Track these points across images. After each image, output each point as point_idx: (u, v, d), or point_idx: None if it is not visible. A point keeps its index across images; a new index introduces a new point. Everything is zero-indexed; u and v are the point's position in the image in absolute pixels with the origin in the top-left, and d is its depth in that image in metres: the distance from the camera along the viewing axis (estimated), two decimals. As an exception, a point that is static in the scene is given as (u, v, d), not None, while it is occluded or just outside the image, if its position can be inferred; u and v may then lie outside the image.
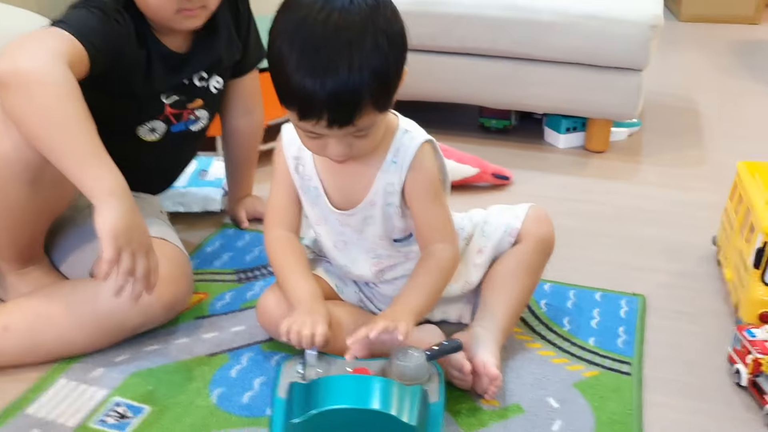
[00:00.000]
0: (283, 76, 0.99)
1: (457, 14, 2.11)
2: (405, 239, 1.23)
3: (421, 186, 1.15)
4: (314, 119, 0.99)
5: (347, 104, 0.98)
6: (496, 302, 1.25)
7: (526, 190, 1.95)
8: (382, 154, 1.14)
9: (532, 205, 1.33)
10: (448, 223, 1.20)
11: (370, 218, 1.18)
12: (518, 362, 1.25)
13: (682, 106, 2.73)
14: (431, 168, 1.15)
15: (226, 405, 1.14)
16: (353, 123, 1.00)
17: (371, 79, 0.98)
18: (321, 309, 1.13)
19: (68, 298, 1.22)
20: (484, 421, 1.11)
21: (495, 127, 2.37)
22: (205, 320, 1.35)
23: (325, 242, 1.25)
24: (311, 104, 0.98)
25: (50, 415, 1.12)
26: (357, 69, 0.96)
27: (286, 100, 1.02)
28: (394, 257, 1.24)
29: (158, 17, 1.28)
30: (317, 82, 0.96)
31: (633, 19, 2.00)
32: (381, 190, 1.15)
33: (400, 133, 1.15)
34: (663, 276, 1.54)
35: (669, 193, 1.96)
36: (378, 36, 0.98)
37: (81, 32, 1.15)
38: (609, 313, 1.39)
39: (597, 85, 2.10)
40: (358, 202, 1.17)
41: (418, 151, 1.14)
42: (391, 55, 1.00)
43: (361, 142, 1.06)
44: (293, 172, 1.21)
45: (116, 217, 1.05)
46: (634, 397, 1.17)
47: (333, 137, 1.03)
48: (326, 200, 1.19)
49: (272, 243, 1.24)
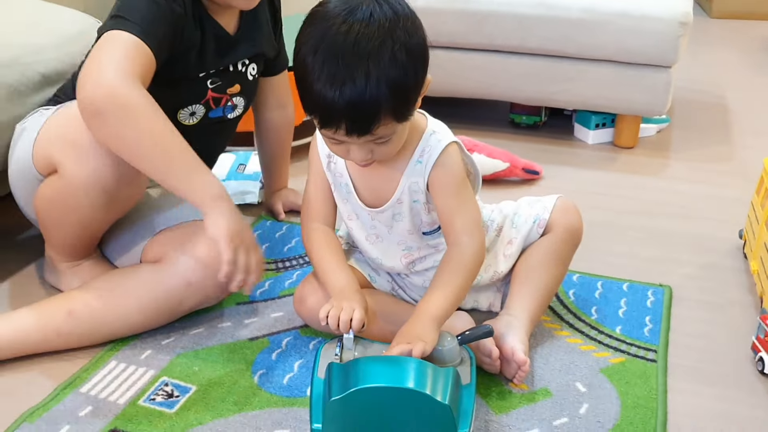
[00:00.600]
0: (305, 85, 1.05)
1: (487, 12, 2.15)
2: (434, 232, 1.27)
3: (444, 183, 1.18)
4: (333, 128, 1.04)
5: (365, 114, 1.02)
6: (525, 291, 1.30)
7: (556, 184, 1.99)
8: (409, 155, 1.18)
9: (560, 196, 1.37)
10: (473, 218, 1.21)
11: (399, 215, 1.23)
12: (547, 349, 1.29)
13: (711, 102, 2.74)
14: (455, 165, 1.19)
15: (268, 386, 1.20)
16: (371, 132, 1.05)
17: (388, 91, 1.01)
18: (357, 296, 1.18)
19: (130, 283, 1.29)
20: (513, 403, 1.16)
21: (525, 123, 2.41)
22: (247, 306, 1.41)
23: (357, 236, 1.30)
24: (330, 113, 1.03)
25: (102, 393, 1.18)
26: (374, 81, 1.00)
27: (308, 108, 1.07)
28: (424, 249, 1.29)
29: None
30: (336, 92, 1.01)
31: (662, 16, 2.03)
32: (407, 189, 1.20)
33: (428, 134, 1.19)
34: (690, 268, 1.57)
35: (697, 188, 1.98)
36: (396, 48, 1.02)
37: (145, 31, 1.19)
38: (636, 303, 1.43)
39: (626, 81, 2.13)
40: (386, 200, 1.22)
41: (443, 151, 1.17)
42: (409, 67, 1.03)
43: (383, 148, 1.10)
44: (326, 169, 1.26)
45: (228, 220, 1.15)
46: (659, 382, 1.21)
47: (354, 144, 1.08)
48: (356, 197, 1.24)
49: (309, 236, 1.29)
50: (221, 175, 1.84)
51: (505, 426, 1.11)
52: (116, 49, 1.17)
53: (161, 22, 1.22)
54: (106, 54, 1.16)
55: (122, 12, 1.21)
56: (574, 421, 1.12)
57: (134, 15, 1.20)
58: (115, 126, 1.14)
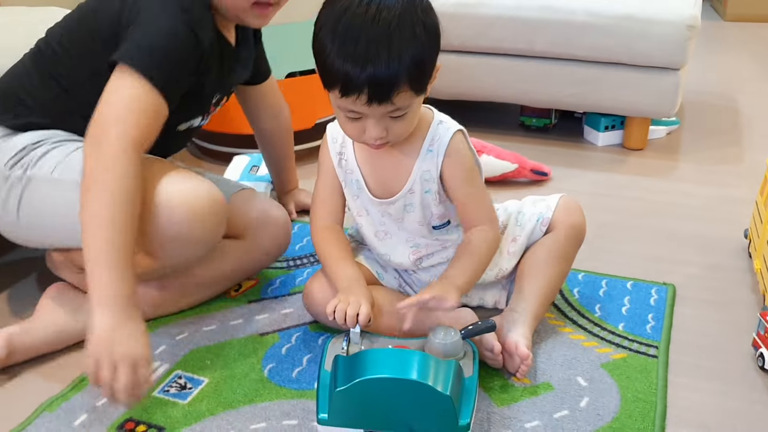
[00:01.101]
0: (326, 56, 1.09)
1: (494, 16, 2.19)
2: (443, 226, 1.31)
3: (458, 170, 1.24)
4: (355, 94, 1.08)
5: (386, 80, 1.07)
6: (529, 288, 1.33)
7: (565, 186, 2.02)
8: (419, 144, 1.23)
9: (563, 195, 1.40)
10: (488, 205, 1.29)
11: (410, 205, 1.27)
12: (550, 344, 1.32)
13: (722, 105, 2.76)
14: (465, 153, 1.25)
15: (277, 379, 1.24)
16: (391, 100, 1.09)
17: (409, 59, 1.07)
18: (364, 291, 1.22)
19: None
20: (515, 396, 1.19)
21: (535, 126, 2.44)
22: (258, 303, 1.45)
23: (366, 232, 1.34)
24: (352, 79, 1.07)
25: (119, 385, 1.23)
26: (396, 48, 1.06)
27: (329, 80, 1.11)
28: (431, 246, 1.32)
29: (233, 9, 1.29)
30: (358, 58, 1.06)
31: (670, 19, 2.05)
32: (419, 178, 1.24)
33: (435, 123, 1.24)
34: (694, 268, 1.60)
35: (705, 189, 2.00)
36: (416, 25, 1.08)
37: (162, 76, 1.18)
38: (639, 301, 1.45)
39: (635, 84, 2.15)
40: (397, 190, 1.26)
41: (452, 138, 1.23)
42: (426, 42, 1.10)
43: (398, 125, 1.14)
44: (337, 167, 1.30)
45: (99, 328, 1.07)
46: (660, 377, 1.23)
47: (371, 117, 1.12)
48: (367, 192, 1.28)
49: (318, 233, 1.33)
50: (235, 176, 1.89)
51: (506, 418, 1.14)
52: (124, 103, 1.16)
53: (182, 63, 1.22)
54: (114, 109, 1.16)
55: (143, 43, 1.19)
56: (574, 414, 1.15)
57: (156, 54, 1.19)
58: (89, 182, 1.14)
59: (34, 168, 1.28)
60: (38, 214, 1.30)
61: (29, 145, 1.30)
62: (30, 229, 1.33)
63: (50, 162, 1.28)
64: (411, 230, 1.30)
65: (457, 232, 1.34)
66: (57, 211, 1.27)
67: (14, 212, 1.30)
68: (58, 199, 1.26)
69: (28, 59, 1.35)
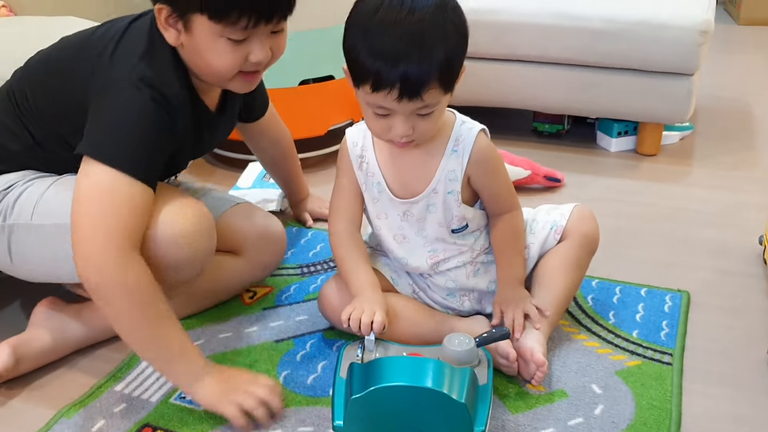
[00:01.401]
0: (359, 55, 1.10)
1: (508, 23, 2.19)
2: (462, 229, 1.32)
3: (486, 167, 1.28)
4: (386, 90, 1.09)
5: (418, 76, 1.09)
6: (543, 296, 1.33)
7: (577, 192, 2.02)
8: (443, 144, 1.26)
9: (577, 204, 1.41)
10: (513, 192, 1.33)
11: (432, 206, 1.28)
12: (564, 352, 1.32)
13: (736, 109, 2.74)
14: (491, 150, 1.29)
15: (292, 385, 1.25)
16: (421, 96, 1.10)
17: (442, 55, 1.09)
18: (379, 298, 1.23)
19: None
20: (530, 404, 1.19)
21: (548, 132, 2.44)
22: (272, 311, 1.46)
23: (384, 236, 1.35)
24: (385, 74, 1.08)
25: (135, 391, 1.24)
26: (429, 44, 1.08)
27: (360, 75, 1.12)
28: (449, 250, 1.33)
29: (215, 79, 1.22)
30: (392, 52, 1.08)
31: (683, 24, 2.04)
32: (443, 177, 1.26)
33: (458, 124, 1.27)
34: (709, 274, 1.59)
35: (719, 195, 1.99)
36: (447, 23, 1.11)
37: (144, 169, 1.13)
38: (653, 307, 1.45)
39: (648, 89, 2.15)
40: (420, 191, 1.28)
41: (476, 138, 1.26)
42: (457, 41, 1.13)
43: (424, 123, 1.16)
44: (357, 170, 1.31)
45: (210, 394, 1.15)
46: (674, 384, 1.23)
47: (399, 114, 1.14)
48: (389, 193, 1.29)
49: (336, 236, 1.33)
50: (247, 183, 1.90)
51: (521, 425, 1.15)
52: (105, 207, 1.11)
53: (159, 145, 1.17)
54: (93, 217, 1.11)
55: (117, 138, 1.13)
56: (589, 422, 1.15)
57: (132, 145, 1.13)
58: (104, 308, 1.13)
59: (12, 216, 1.26)
60: (30, 260, 1.28)
61: (0, 191, 1.27)
62: (29, 271, 1.31)
63: (26, 206, 1.25)
64: (430, 233, 1.31)
65: (473, 237, 1.35)
66: (46, 255, 1.25)
67: (7, 259, 1.29)
68: (43, 246, 1.25)
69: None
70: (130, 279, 1.09)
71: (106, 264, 1.09)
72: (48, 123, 1.25)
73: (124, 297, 1.10)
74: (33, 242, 1.25)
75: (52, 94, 1.24)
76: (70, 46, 1.27)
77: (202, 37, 1.14)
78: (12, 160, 1.29)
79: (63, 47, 1.29)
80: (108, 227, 1.10)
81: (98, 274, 1.10)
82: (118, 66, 1.16)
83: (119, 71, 1.15)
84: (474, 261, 1.35)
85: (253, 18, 1.12)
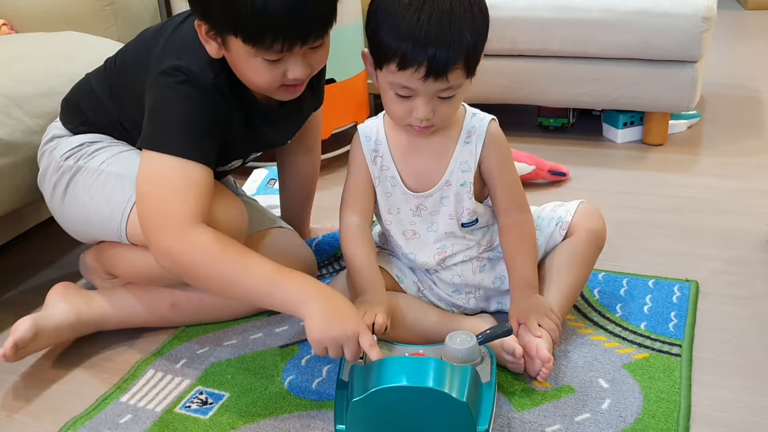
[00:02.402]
0: (386, 34, 1.11)
1: (508, 18, 2.18)
2: (471, 224, 1.31)
3: (499, 155, 1.28)
4: (414, 67, 1.10)
5: (446, 55, 1.09)
6: (549, 292, 1.31)
7: (584, 185, 2.00)
8: (455, 136, 1.27)
9: (582, 201, 1.40)
10: (522, 188, 1.33)
11: (446, 198, 1.29)
12: (570, 347, 1.30)
13: (744, 96, 2.71)
14: (503, 139, 1.30)
15: (297, 390, 1.24)
16: (446, 76, 1.11)
17: (468, 40, 1.11)
18: (381, 299, 1.22)
19: None
20: (536, 400, 1.18)
21: (554, 126, 2.42)
22: (277, 316, 1.46)
23: (394, 231, 1.34)
24: (414, 51, 1.09)
25: (141, 402, 1.24)
26: (457, 28, 1.10)
27: (386, 56, 1.12)
28: (457, 246, 1.32)
29: (257, 90, 1.26)
30: (422, 29, 1.09)
31: (685, 12, 2.02)
32: (456, 169, 1.27)
33: (469, 116, 1.29)
34: (717, 263, 1.57)
35: (727, 183, 1.97)
36: (474, 6, 1.13)
37: (194, 149, 1.19)
38: (661, 299, 1.43)
39: (651, 78, 2.13)
40: (433, 184, 1.28)
41: (488, 127, 1.27)
42: (481, 26, 1.14)
43: (444, 106, 1.17)
44: (371, 164, 1.31)
45: (314, 323, 1.12)
46: (683, 376, 1.21)
47: (422, 96, 1.14)
48: (403, 186, 1.29)
49: (347, 229, 1.33)
50: (252, 189, 1.90)
51: (527, 422, 1.13)
52: (173, 192, 1.18)
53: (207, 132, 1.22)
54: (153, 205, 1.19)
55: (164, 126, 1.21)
56: (596, 416, 1.14)
57: (182, 133, 1.20)
58: (188, 278, 1.21)
59: (87, 159, 1.36)
60: (78, 200, 1.36)
61: (87, 143, 1.39)
62: (70, 218, 1.41)
63: (102, 156, 1.36)
64: (441, 227, 1.31)
65: (481, 233, 1.34)
66: (93, 198, 1.33)
67: (60, 199, 1.39)
68: (95, 189, 1.33)
69: (93, 78, 1.42)
70: (197, 247, 1.16)
71: (174, 249, 1.16)
72: (126, 109, 1.35)
73: (199, 264, 1.16)
74: (89, 184, 1.34)
75: (127, 83, 1.34)
76: (143, 39, 1.37)
77: (239, 55, 1.17)
78: (98, 124, 1.40)
79: (138, 39, 1.38)
80: (167, 211, 1.17)
81: (171, 259, 1.18)
82: (160, 63, 1.22)
83: (161, 67, 1.22)
84: (480, 256, 1.35)
85: (287, 42, 1.13)
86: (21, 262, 1.75)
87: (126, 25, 2.01)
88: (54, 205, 1.43)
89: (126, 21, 2.01)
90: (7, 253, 1.77)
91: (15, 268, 1.72)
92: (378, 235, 1.43)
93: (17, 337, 1.26)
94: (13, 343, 1.25)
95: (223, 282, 1.17)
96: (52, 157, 1.41)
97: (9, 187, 1.47)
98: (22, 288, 1.65)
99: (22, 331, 1.27)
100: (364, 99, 2.28)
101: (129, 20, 2.02)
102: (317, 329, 1.11)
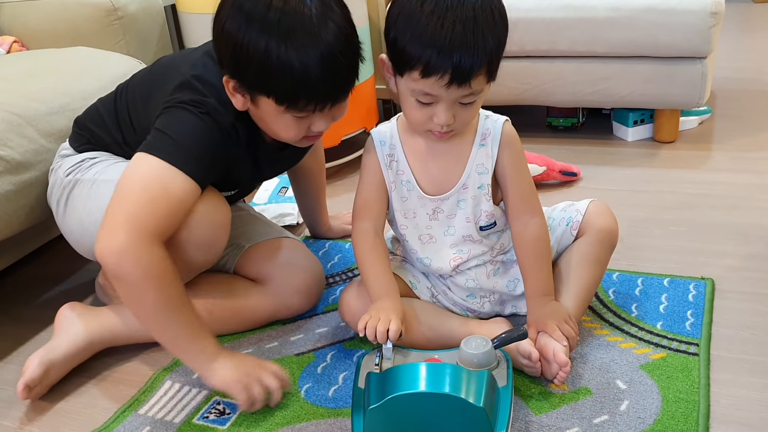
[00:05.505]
0: (409, 42, 1.11)
1: (515, 19, 2.15)
2: (489, 227, 1.31)
3: (514, 156, 1.29)
4: (438, 74, 1.10)
5: (469, 62, 1.09)
6: (564, 293, 1.31)
7: (595, 184, 1.99)
8: (471, 138, 1.28)
9: (593, 200, 1.39)
10: (535, 192, 1.32)
11: (462, 201, 1.29)
12: (587, 349, 1.30)
13: (755, 90, 2.69)
14: (518, 140, 1.30)
15: (314, 398, 1.24)
16: (470, 82, 1.11)
17: (491, 46, 1.11)
18: (395, 305, 1.22)
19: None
20: (554, 404, 1.18)
21: (563, 126, 2.41)
22: (292, 324, 1.46)
23: (410, 236, 1.34)
24: (439, 58, 1.09)
25: (159, 414, 1.25)
26: (480, 35, 1.10)
27: (409, 63, 1.12)
28: (474, 250, 1.32)
29: (280, 140, 1.29)
30: (446, 40, 1.08)
31: (692, 7, 2.01)
32: (473, 172, 1.27)
33: (483, 118, 1.29)
34: (733, 259, 1.56)
35: (740, 178, 1.95)
36: (494, 11, 1.12)
37: (190, 163, 1.20)
38: (677, 297, 1.42)
39: (661, 76, 2.12)
40: (450, 187, 1.28)
41: (503, 128, 1.28)
42: (502, 30, 1.14)
43: (465, 112, 1.17)
44: (386, 170, 1.31)
45: (224, 374, 1.20)
46: (701, 375, 1.20)
47: (443, 102, 1.14)
48: (419, 190, 1.29)
49: (360, 234, 1.32)
50: (263, 198, 1.90)
51: (545, 426, 1.13)
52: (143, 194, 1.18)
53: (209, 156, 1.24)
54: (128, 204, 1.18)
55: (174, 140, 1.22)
56: (614, 419, 1.13)
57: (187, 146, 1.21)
58: (122, 289, 1.19)
59: (84, 173, 1.38)
60: (75, 211, 1.38)
61: (87, 158, 1.41)
62: (71, 230, 1.42)
63: (97, 168, 1.38)
64: (458, 231, 1.30)
65: (496, 236, 1.34)
66: (87, 208, 1.35)
67: (63, 214, 1.42)
68: (90, 198, 1.35)
69: (102, 104, 1.45)
70: (147, 266, 1.15)
71: (126, 252, 1.14)
72: (137, 134, 1.34)
73: (140, 282, 1.15)
74: (85, 194, 1.36)
75: (138, 109, 1.36)
76: (159, 67, 1.40)
77: (268, 113, 1.21)
78: (104, 146, 1.43)
79: (155, 67, 1.41)
80: (135, 215, 1.16)
81: (116, 258, 1.15)
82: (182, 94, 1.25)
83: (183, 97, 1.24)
84: (493, 260, 1.34)
85: (319, 105, 1.18)
86: (37, 275, 1.76)
87: (134, 39, 2.02)
88: (59, 221, 1.45)
89: (135, 35, 2.02)
90: (25, 266, 1.78)
91: (31, 282, 1.73)
92: (390, 241, 1.43)
93: (27, 378, 1.27)
94: (25, 385, 1.27)
95: (145, 310, 1.20)
96: (56, 176, 1.44)
97: (24, 205, 1.47)
98: (37, 302, 1.66)
99: (31, 371, 1.28)
100: (372, 105, 2.28)
101: (138, 35, 2.03)
102: (226, 384, 1.20)
